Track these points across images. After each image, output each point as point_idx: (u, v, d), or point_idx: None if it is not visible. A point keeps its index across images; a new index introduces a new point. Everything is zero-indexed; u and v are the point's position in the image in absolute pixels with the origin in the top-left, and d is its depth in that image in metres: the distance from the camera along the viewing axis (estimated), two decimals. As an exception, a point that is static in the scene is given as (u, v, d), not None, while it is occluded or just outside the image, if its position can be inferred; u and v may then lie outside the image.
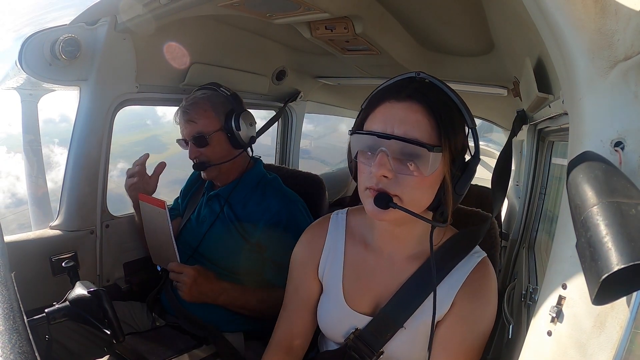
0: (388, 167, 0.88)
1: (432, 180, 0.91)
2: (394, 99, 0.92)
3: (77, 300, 1.08)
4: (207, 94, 1.71)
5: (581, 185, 0.52)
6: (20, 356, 0.46)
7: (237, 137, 1.69)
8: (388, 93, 0.94)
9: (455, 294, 1.00)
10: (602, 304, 0.50)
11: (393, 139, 0.87)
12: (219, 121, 1.68)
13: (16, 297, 0.56)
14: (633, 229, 0.45)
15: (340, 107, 3.61)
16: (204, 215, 1.76)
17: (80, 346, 1.51)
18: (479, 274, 1.02)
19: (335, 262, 1.14)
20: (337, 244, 1.16)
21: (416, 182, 0.89)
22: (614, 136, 0.57)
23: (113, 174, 1.82)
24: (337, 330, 1.12)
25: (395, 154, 0.88)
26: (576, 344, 0.58)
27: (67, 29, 1.49)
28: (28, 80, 1.66)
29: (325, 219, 1.23)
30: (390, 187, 0.90)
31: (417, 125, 0.88)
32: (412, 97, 0.90)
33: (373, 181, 0.91)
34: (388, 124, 0.90)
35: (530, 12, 0.69)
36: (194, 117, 1.65)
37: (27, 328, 0.51)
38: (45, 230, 1.65)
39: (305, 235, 1.24)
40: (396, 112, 0.90)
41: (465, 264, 1.03)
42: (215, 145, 1.67)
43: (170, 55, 1.79)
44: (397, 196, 0.90)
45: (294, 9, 1.44)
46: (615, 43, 0.56)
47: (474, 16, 1.45)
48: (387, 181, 0.89)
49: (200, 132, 1.64)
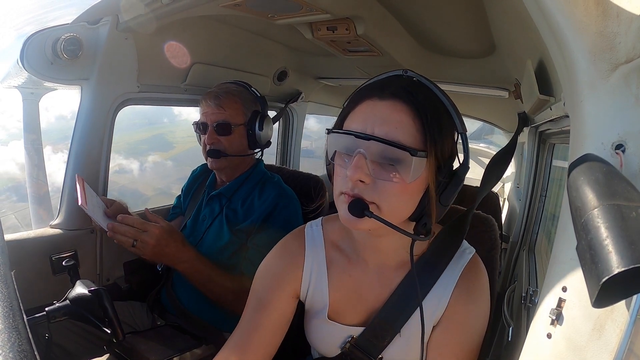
0: (365, 172, 0.79)
1: (414, 188, 0.82)
2: (377, 97, 0.83)
3: (77, 299, 1.08)
4: (240, 89, 1.75)
5: (582, 187, 0.52)
6: (20, 355, 0.46)
7: (257, 137, 1.73)
8: (371, 90, 0.86)
9: (450, 295, 0.95)
10: (602, 307, 0.50)
11: (372, 140, 0.78)
12: (245, 117, 1.72)
13: (16, 295, 0.56)
14: (634, 232, 0.45)
15: (341, 108, 3.60)
16: (204, 215, 1.76)
17: (79, 346, 1.52)
18: (471, 273, 0.97)
19: (319, 281, 1.06)
20: (318, 261, 1.06)
21: (396, 190, 0.81)
22: (615, 139, 0.57)
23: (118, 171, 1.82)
24: (330, 345, 1.07)
25: (375, 156, 0.80)
26: (575, 347, 0.58)
27: (68, 28, 1.49)
28: (29, 79, 1.66)
29: (299, 232, 1.12)
30: (367, 194, 0.81)
31: (400, 127, 0.80)
32: (396, 96, 0.82)
33: (349, 186, 0.82)
34: (368, 123, 0.82)
35: (531, 14, 0.69)
36: (224, 104, 1.67)
37: (26, 327, 0.51)
38: (45, 229, 1.66)
39: (280, 249, 1.12)
40: (378, 110, 0.82)
41: (456, 262, 0.98)
42: (235, 137, 1.70)
43: (171, 55, 1.79)
44: (375, 204, 0.82)
45: (295, 9, 1.44)
46: (617, 46, 0.56)
47: (475, 18, 1.45)
48: (363, 187, 0.81)
49: (226, 120, 1.67)
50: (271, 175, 1.81)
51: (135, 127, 10.06)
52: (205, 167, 1.98)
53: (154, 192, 11.18)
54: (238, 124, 1.69)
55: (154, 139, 9.85)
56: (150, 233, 1.39)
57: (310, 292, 1.07)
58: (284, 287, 1.07)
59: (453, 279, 0.96)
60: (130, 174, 8.38)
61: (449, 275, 0.97)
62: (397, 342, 0.99)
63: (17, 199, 7.70)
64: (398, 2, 1.52)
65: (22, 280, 0.66)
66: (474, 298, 0.96)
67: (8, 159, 10.26)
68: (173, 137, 9.01)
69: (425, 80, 0.87)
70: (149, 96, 1.87)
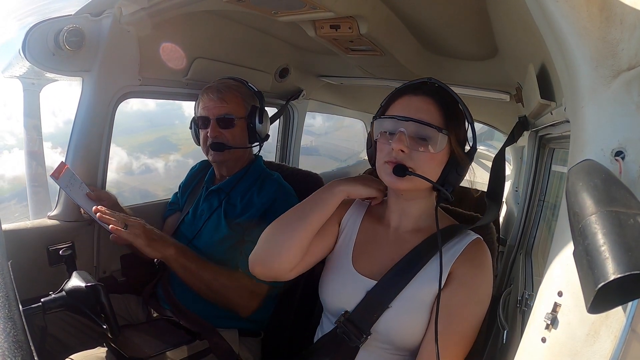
0: (405, 144, 1.05)
1: (439, 157, 1.09)
2: (412, 94, 1.12)
3: (74, 292, 1.07)
4: (238, 83, 1.78)
5: (580, 193, 0.52)
6: (15, 345, 0.46)
7: (256, 130, 1.76)
8: (407, 89, 1.14)
9: (452, 264, 1.10)
10: (597, 312, 0.50)
11: (410, 121, 1.05)
12: (246, 110, 1.75)
13: (12, 285, 0.56)
14: (631, 239, 0.45)
15: (342, 106, 3.60)
16: (202, 210, 1.76)
17: (73, 337, 1.51)
18: (474, 247, 1.13)
19: (353, 227, 1.28)
20: (357, 215, 1.31)
21: (427, 158, 1.07)
22: (614, 145, 0.57)
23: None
24: (337, 292, 1.21)
25: (412, 133, 1.06)
26: (570, 352, 0.59)
27: (71, 20, 1.49)
28: (31, 69, 1.66)
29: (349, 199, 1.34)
30: (406, 160, 1.06)
31: (429, 113, 1.07)
32: (426, 93, 1.10)
33: (392, 155, 1.07)
34: (406, 111, 1.09)
35: (535, 18, 0.69)
36: (227, 98, 1.69)
37: (22, 317, 0.51)
38: (43, 220, 1.65)
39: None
40: (413, 102, 1.10)
41: (460, 241, 1.15)
42: (237, 130, 1.72)
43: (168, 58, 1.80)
44: (412, 168, 1.06)
45: (299, 7, 1.43)
46: (620, 52, 0.56)
47: (478, 21, 1.45)
48: (403, 155, 1.06)
49: (229, 113, 1.69)
50: (271, 173, 1.82)
51: (137, 130, 10.11)
52: (203, 164, 1.99)
53: (164, 192, 11.30)
54: (240, 117, 1.72)
55: (158, 141, 9.90)
56: (134, 221, 1.43)
57: (345, 231, 1.29)
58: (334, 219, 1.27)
59: (457, 252, 1.12)
60: (140, 175, 8.50)
61: (454, 250, 1.13)
62: (388, 314, 1.11)
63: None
64: (401, 2, 1.52)
65: (18, 271, 0.66)
66: (478, 264, 1.11)
67: (20, 163, 10.28)
68: (177, 139, 9.12)
69: (444, 85, 1.15)
70: (150, 89, 1.86)
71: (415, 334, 1.08)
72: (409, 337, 1.09)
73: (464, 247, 1.12)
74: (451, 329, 1.04)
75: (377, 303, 1.11)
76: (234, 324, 1.60)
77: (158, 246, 1.45)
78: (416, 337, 1.08)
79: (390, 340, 1.11)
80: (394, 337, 1.10)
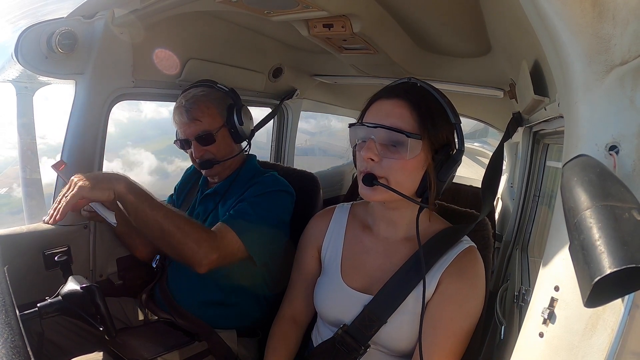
0: (374, 152, 1.02)
1: (414, 164, 1.04)
2: (385, 98, 1.09)
3: (69, 295, 1.07)
4: (206, 91, 1.70)
5: (575, 188, 0.53)
6: (12, 350, 0.45)
7: (239, 131, 1.71)
8: (381, 93, 1.12)
9: (440, 275, 1.09)
10: (594, 306, 0.50)
11: (378, 128, 1.02)
12: (222, 117, 1.68)
13: (9, 291, 0.56)
14: (626, 233, 0.45)
15: (336, 105, 3.60)
16: (197, 213, 1.75)
17: (71, 342, 1.50)
18: (465, 258, 1.11)
19: (336, 243, 1.27)
20: (340, 227, 1.30)
21: (399, 165, 1.03)
22: (608, 140, 0.58)
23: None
24: (331, 307, 1.21)
25: (382, 140, 1.03)
26: (567, 346, 0.59)
27: (64, 22, 1.48)
28: (24, 73, 1.64)
29: (331, 208, 1.38)
30: (377, 170, 1.04)
31: (400, 118, 1.03)
32: (398, 96, 1.06)
33: (364, 165, 1.05)
34: (377, 117, 1.06)
35: (528, 15, 0.69)
36: (198, 116, 1.62)
37: (19, 322, 0.51)
38: (38, 224, 1.64)
39: (312, 221, 1.39)
40: (384, 107, 1.07)
41: (453, 248, 1.12)
42: (220, 142, 1.67)
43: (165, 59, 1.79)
44: (384, 178, 1.04)
45: (291, 6, 1.43)
46: (612, 48, 0.56)
47: (471, 18, 1.45)
48: (373, 164, 1.04)
49: (206, 130, 1.63)
50: (265, 171, 1.80)
51: (150, 139, 10.32)
52: None
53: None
54: (218, 128, 1.66)
55: (169, 149, 9.97)
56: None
57: (328, 251, 1.29)
58: (311, 249, 1.34)
59: (446, 261, 1.11)
60: (157, 179, 8.65)
61: (444, 259, 1.11)
62: (386, 328, 1.10)
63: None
64: (395, 0, 1.52)
65: (14, 276, 0.66)
66: (466, 277, 1.09)
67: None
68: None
69: (423, 83, 1.12)
70: (144, 91, 1.85)
71: (414, 343, 1.08)
72: (408, 346, 1.10)
73: (453, 257, 1.11)
74: (439, 344, 1.05)
75: (375, 318, 1.10)
76: (232, 324, 1.60)
77: (105, 185, 1.27)
78: (415, 345, 1.07)
79: (389, 348, 1.12)
80: (394, 347, 1.11)
